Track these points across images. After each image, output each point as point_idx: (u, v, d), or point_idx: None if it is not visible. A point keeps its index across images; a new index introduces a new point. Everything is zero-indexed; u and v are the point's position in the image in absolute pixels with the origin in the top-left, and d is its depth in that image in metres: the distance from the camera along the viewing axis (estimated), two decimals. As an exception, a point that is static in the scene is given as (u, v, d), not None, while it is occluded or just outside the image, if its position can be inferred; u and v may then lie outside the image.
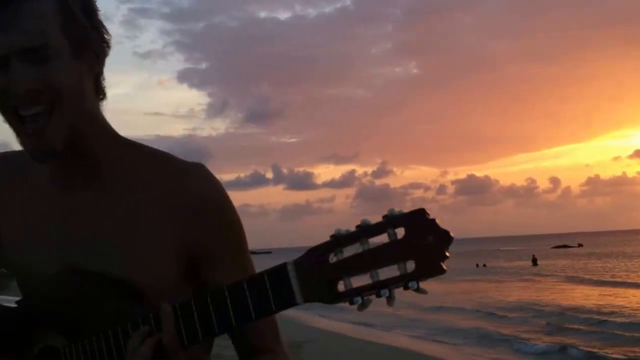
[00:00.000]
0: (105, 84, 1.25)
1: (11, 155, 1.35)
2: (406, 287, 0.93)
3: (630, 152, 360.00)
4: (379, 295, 0.95)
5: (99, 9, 1.22)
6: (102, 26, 1.21)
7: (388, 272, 0.95)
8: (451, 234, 0.93)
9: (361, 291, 0.96)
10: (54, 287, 1.22)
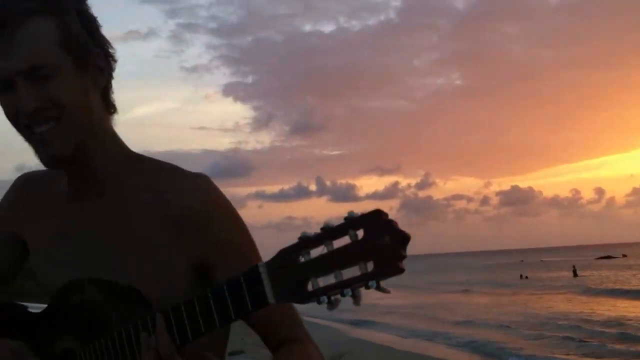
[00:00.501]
0: (114, 99, 1.32)
1: (36, 173, 1.47)
2: (367, 287, 0.96)
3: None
4: (343, 295, 0.97)
5: (101, 24, 1.28)
6: (106, 41, 1.29)
7: (351, 272, 0.97)
8: (408, 233, 0.95)
9: (326, 291, 0.98)
10: (69, 295, 1.28)
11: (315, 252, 1.00)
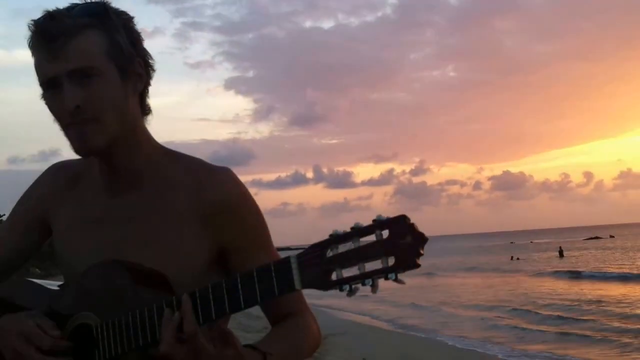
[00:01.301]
0: (149, 102, 1.47)
1: (73, 162, 1.59)
2: (386, 278, 1.11)
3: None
4: (364, 284, 1.12)
5: (144, 39, 1.44)
6: (147, 52, 1.44)
7: (373, 265, 1.12)
8: (425, 235, 1.11)
9: (349, 280, 1.13)
10: (94, 275, 1.40)
11: (344, 248, 1.15)
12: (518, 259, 53.40)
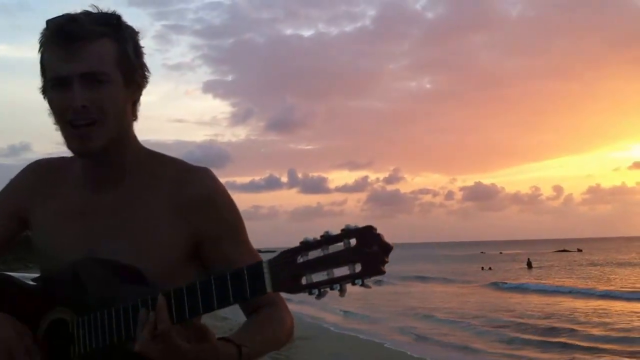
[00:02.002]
0: (139, 109, 1.55)
1: (53, 160, 1.66)
2: (353, 283, 1.19)
3: (630, 163, 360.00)
4: (332, 289, 1.20)
5: (145, 50, 1.53)
6: (145, 65, 1.53)
7: (341, 271, 1.20)
8: (391, 244, 1.19)
9: (318, 285, 1.21)
10: (71, 271, 1.44)
11: (314, 255, 1.22)
12: (490, 268, 53.80)
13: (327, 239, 1.21)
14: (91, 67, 1.40)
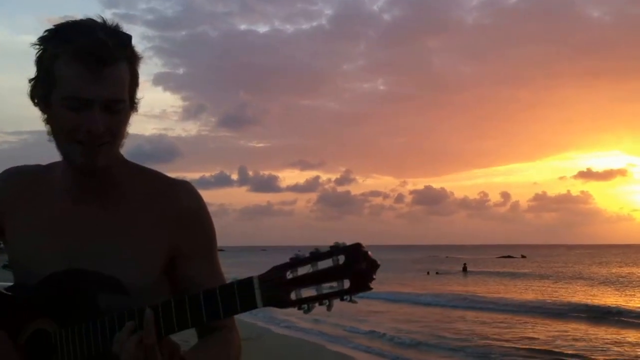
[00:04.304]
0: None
1: (27, 168, 1.63)
2: (342, 299, 1.23)
3: (575, 172, 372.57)
4: (321, 304, 1.24)
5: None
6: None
7: (330, 287, 1.24)
8: (378, 262, 1.23)
9: (308, 300, 1.25)
10: (52, 281, 1.44)
11: (303, 271, 1.26)
12: (437, 273, 54.51)
13: (316, 256, 1.25)
14: (114, 95, 1.39)
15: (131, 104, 1.47)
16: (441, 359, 14.26)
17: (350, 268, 1.23)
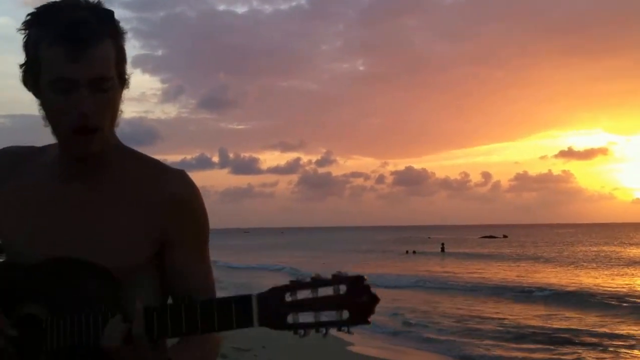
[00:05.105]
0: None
1: (18, 149, 1.60)
2: (339, 330, 1.24)
3: (556, 152, 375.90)
4: (317, 331, 1.25)
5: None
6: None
7: (328, 315, 1.24)
8: (378, 296, 1.24)
9: (305, 326, 1.25)
10: (41, 266, 1.42)
11: (302, 295, 1.26)
12: (414, 252, 54.98)
13: (318, 282, 1.25)
14: (100, 73, 1.35)
15: (120, 81, 1.43)
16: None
17: (351, 300, 1.23)
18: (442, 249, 56.95)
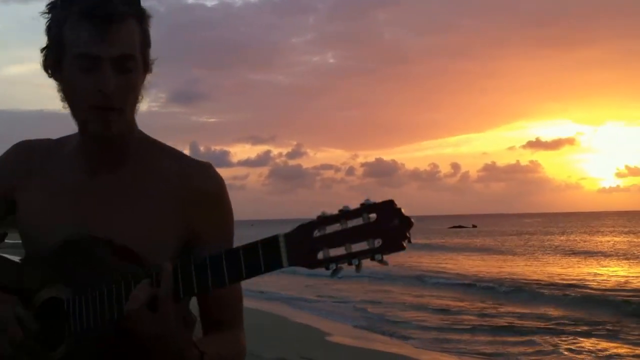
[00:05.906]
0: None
1: (38, 142, 1.59)
2: (372, 259, 1.17)
3: (524, 142, 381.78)
4: (350, 263, 1.18)
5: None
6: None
7: (359, 246, 1.18)
8: (412, 219, 1.18)
9: (336, 259, 1.18)
10: (64, 249, 1.40)
11: (331, 229, 1.20)
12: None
13: (345, 214, 1.19)
14: (124, 51, 1.35)
15: (144, 66, 1.42)
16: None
17: (383, 226, 1.16)
18: (409, 240, 56.93)
